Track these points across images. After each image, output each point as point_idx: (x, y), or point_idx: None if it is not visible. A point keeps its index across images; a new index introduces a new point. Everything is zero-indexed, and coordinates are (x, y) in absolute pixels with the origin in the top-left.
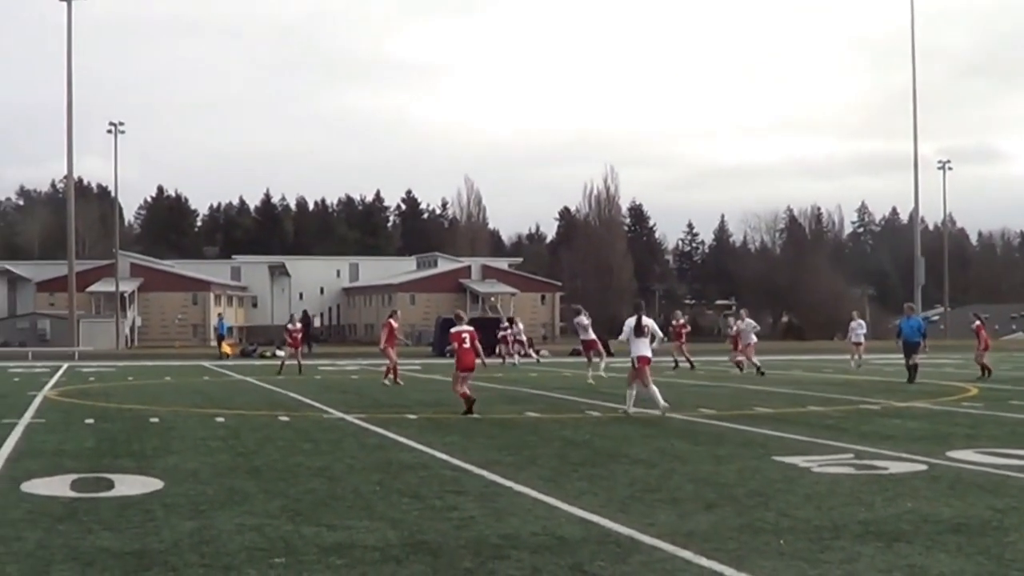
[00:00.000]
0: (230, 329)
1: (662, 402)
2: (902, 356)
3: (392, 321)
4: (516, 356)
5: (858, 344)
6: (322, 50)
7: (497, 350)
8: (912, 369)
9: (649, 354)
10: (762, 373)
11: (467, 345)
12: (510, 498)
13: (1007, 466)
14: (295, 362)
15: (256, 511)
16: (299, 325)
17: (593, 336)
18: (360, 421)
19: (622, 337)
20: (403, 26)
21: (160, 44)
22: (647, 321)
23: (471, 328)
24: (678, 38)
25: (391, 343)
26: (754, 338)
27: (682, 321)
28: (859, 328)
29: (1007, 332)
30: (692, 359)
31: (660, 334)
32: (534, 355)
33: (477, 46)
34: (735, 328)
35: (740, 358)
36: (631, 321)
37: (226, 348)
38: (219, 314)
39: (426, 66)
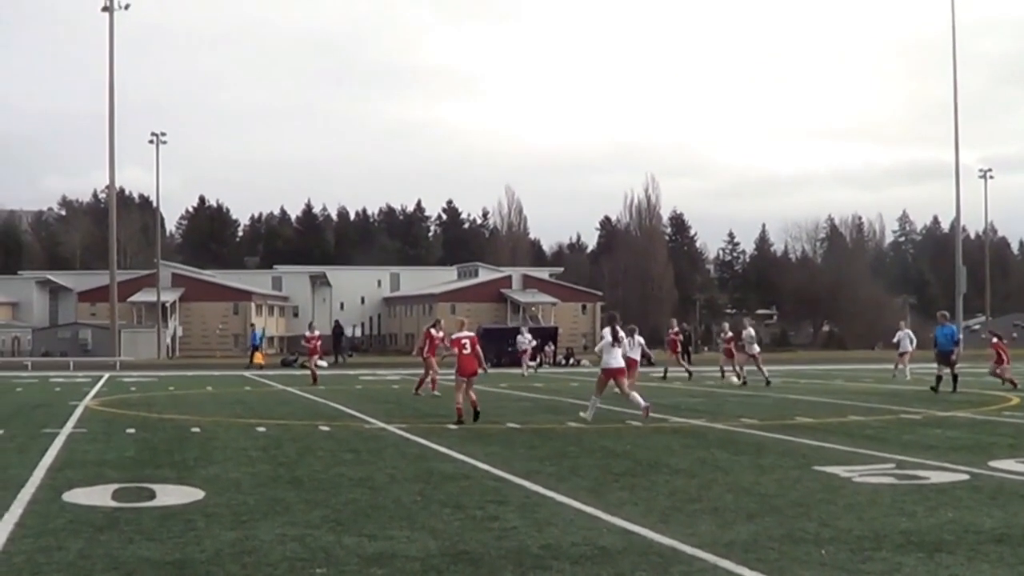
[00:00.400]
0: (269, 339)
1: (642, 402)
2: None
3: (432, 330)
4: (532, 365)
5: (904, 354)
6: (363, 59)
7: (537, 359)
8: (953, 379)
9: (622, 364)
10: (744, 383)
11: (467, 351)
12: (551, 508)
13: None
14: (318, 369)
15: (297, 521)
16: (316, 333)
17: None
18: (401, 431)
19: (597, 348)
20: (444, 35)
21: (202, 54)
22: (622, 333)
23: (471, 334)
24: (721, 46)
25: (432, 352)
26: (757, 348)
27: (675, 330)
28: (906, 338)
29: None
30: (691, 369)
31: (627, 349)
32: (532, 366)
33: (518, 54)
34: (729, 335)
35: (730, 367)
36: (607, 332)
37: (258, 358)
38: (251, 324)
39: (467, 75)
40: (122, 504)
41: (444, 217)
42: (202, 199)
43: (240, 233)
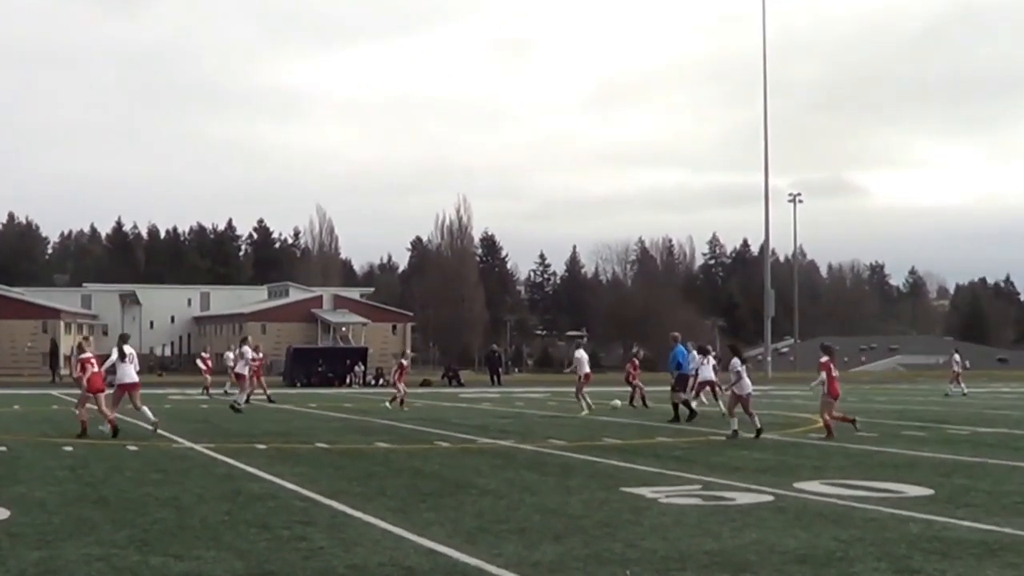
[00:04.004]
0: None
1: (151, 417)
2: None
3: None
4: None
5: (958, 373)
6: (176, 77)
7: (347, 379)
8: (685, 405)
9: (135, 380)
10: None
11: (96, 369)
12: (358, 529)
13: (853, 497)
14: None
15: (103, 541)
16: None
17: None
18: (209, 451)
19: (107, 364)
20: (258, 55)
21: (13, 67)
22: (129, 351)
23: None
24: (532, 66)
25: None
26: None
27: (260, 356)
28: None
29: (856, 364)
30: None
31: (138, 366)
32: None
33: (331, 74)
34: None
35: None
36: (114, 350)
37: None
38: None
39: (280, 94)
40: None
41: (255, 236)
42: (11, 215)
43: (50, 250)
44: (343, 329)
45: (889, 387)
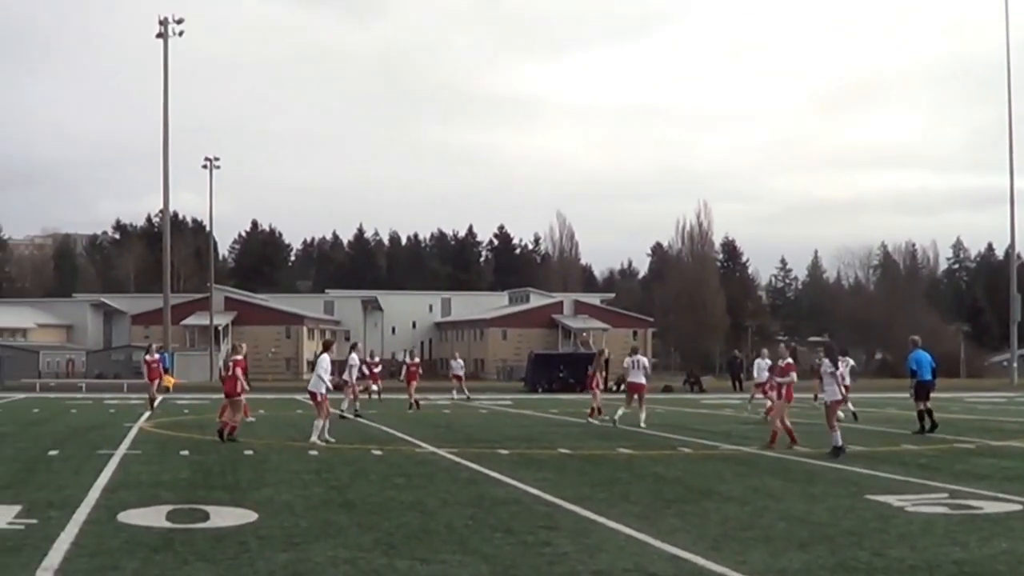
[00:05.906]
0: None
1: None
2: (915, 397)
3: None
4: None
5: None
6: (415, 84)
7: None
8: (927, 414)
9: (312, 389)
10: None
11: (229, 373)
12: (602, 534)
13: None
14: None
15: (350, 544)
16: (156, 355)
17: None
18: (452, 456)
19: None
20: (497, 61)
21: (255, 78)
22: (319, 358)
23: (238, 358)
24: (774, 71)
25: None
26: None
27: (416, 361)
28: None
29: None
30: (418, 400)
31: (319, 374)
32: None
33: (570, 80)
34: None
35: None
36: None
37: (168, 381)
38: (160, 346)
39: (519, 100)
40: (176, 525)
41: (495, 242)
42: (255, 223)
43: (292, 257)
44: (584, 335)
45: None
